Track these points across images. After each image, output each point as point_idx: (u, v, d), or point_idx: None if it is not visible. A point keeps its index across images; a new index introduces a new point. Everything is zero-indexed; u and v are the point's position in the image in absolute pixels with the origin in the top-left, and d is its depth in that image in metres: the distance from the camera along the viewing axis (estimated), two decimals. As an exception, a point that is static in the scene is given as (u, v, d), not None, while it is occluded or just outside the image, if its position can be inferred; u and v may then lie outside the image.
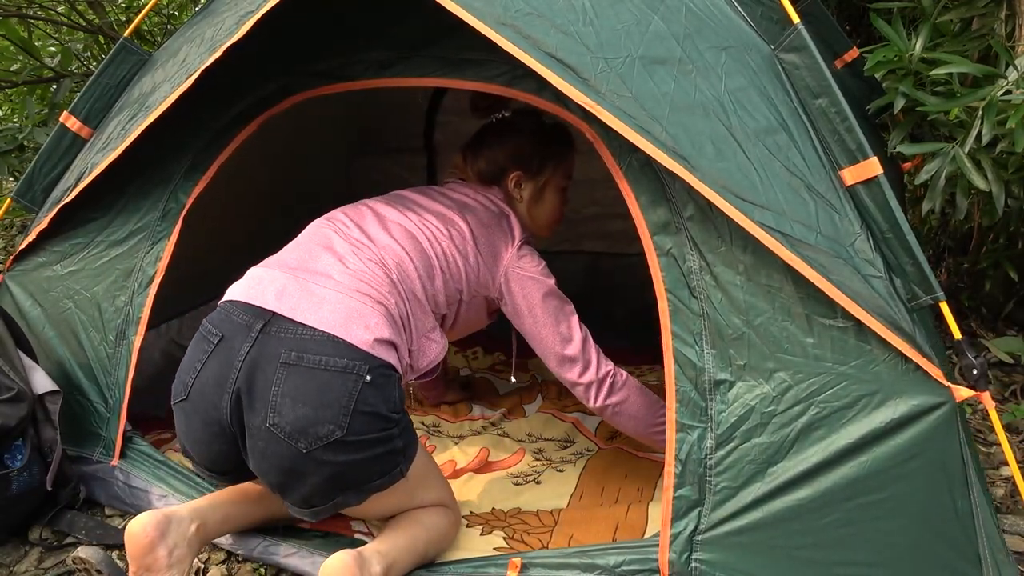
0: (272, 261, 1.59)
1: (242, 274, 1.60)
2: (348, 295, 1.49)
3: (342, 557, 1.36)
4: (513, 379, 1.96)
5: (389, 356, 1.48)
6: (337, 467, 1.39)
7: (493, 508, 1.81)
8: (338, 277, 1.52)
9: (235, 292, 1.55)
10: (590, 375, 1.70)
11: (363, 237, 1.61)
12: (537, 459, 2.05)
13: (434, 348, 1.64)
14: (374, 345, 1.45)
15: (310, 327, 1.43)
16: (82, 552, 1.51)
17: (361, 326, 1.45)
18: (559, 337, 1.71)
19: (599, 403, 1.71)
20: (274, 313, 1.46)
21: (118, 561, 1.66)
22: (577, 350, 1.70)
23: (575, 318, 1.74)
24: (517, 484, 1.93)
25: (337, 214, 1.69)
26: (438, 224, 1.69)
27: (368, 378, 1.41)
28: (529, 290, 1.73)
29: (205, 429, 1.46)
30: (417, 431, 2.15)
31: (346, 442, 1.38)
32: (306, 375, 1.39)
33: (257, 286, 1.52)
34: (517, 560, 1.47)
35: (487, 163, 1.89)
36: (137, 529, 1.41)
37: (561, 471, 1.97)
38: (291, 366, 1.39)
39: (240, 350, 1.42)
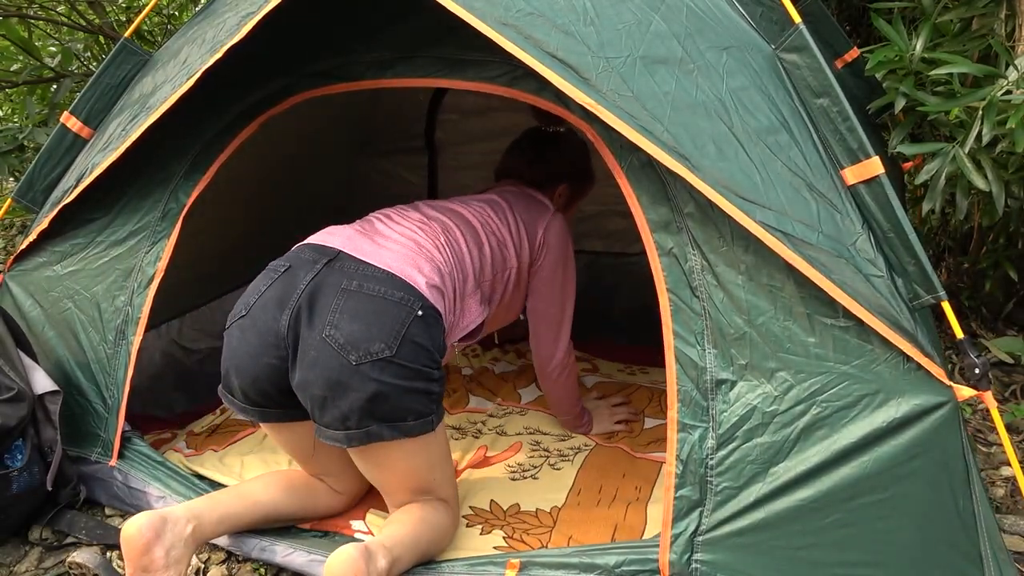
0: (334, 228, 1.70)
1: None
2: (405, 246, 1.63)
3: (348, 551, 1.35)
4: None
5: (439, 302, 1.58)
6: (380, 386, 1.44)
7: (492, 502, 1.82)
8: (396, 235, 1.66)
9: (305, 240, 1.66)
10: (565, 346, 1.95)
11: (412, 212, 1.76)
12: (534, 450, 2.06)
13: (474, 311, 1.73)
14: (427, 288, 1.56)
15: (372, 264, 1.55)
16: (79, 556, 1.51)
17: (416, 270, 1.58)
18: (566, 309, 1.95)
19: (560, 373, 1.96)
20: (339, 252, 1.58)
21: (117, 562, 1.66)
22: (568, 326, 1.95)
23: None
24: (514, 479, 1.93)
25: (380, 211, 1.81)
26: (479, 203, 1.87)
27: (420, 313, 1.50)
28: (566, 243, 1.95)
29: (260, 340, 1.51)
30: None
31: (393, 362, 1.45)
32: (364, 299, 1.49)
33: (326, 234, 1.65)
34: (516, 561, 1.47)
35: (543, 171, 2.07)
36: (132, 531, 1.41)
37: (559, 468, 1.98)
38: (351, 292, 1.50)
39: (305, 277, 1.53)
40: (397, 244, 1.63)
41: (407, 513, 1.57)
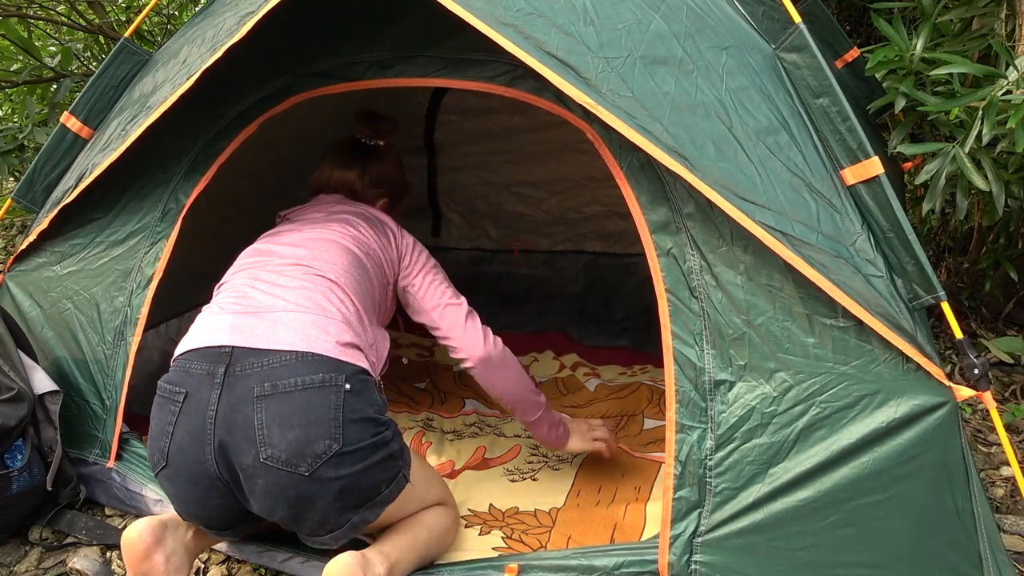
0: (211, 308, 1.54)
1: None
2: (299, 310, 1.47)
3: (345, 559, 1.35)
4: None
5: (359, 360, 1.46)
6: (343, 481, 1.36)
7: (491, 505, 1.81)
8: (283, 297, 1.50)
9: (186, 344, 1.49)
10: (478, 322, 1.72)
11: (285, 265, 1.58)
12: (533, 454, 2.06)
13: (382, 340, 1.65)
14: (341, 351, 1.43)
15: (273, 351, 1.40)
16: (78, 563, 1.51)
17: (322, 335, 1.44)
18: (449, 289, 1.77)
19: (492, 345, 1.68)
20: (233, 349, 1.41)
21: (117, 563, 1.66)
22: (464, 301, 1.75)
23: None
24: (514, 481, 1.93)
25: (244, 260, 1.65)
26: (339, 226, 1.72)
27: (348, 386, 1.39)
28: (420, 247, 1.84)
29: (195, 488, 1.40)
30: (411, 428, 2.18)
31: (345, 453, 1.35)
32: (286, 400, 1.35)
33: (206, 331, 1.47)
34: (514, 565, 1.47)
35: (367, 184, 1.95)
36: (133, 536, 1.40)
37: (557, 469, 1.97)
38: (267, 397, 1.35)
39: (209, 400, 1.37)
40: (289, 313, 1.46)
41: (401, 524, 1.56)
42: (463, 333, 1.68)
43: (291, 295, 1.50)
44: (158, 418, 1.43)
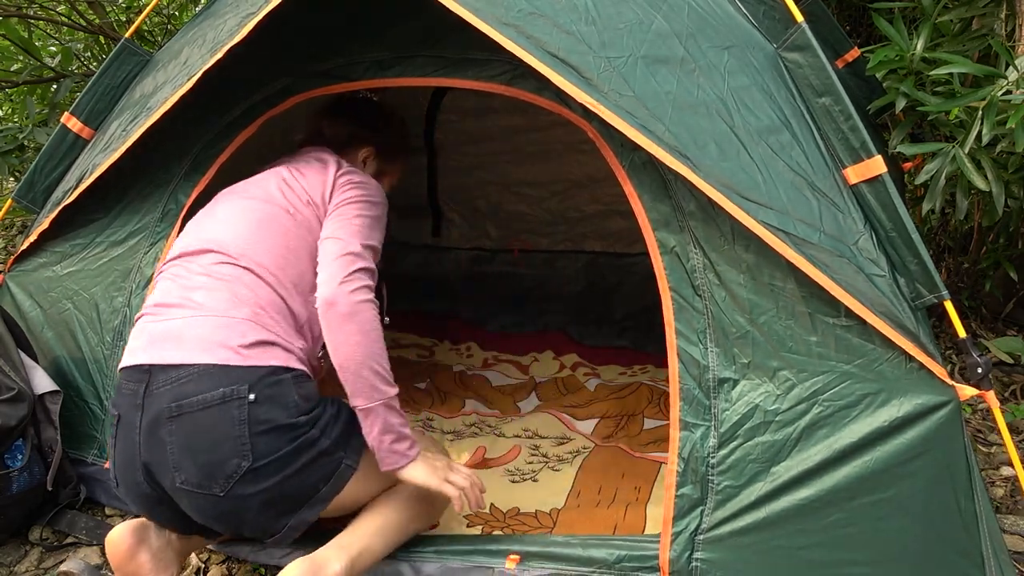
0: (140, 319, 1.49)
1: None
2: (204, 314, 1.40)
3: (293, 569, 1.31)
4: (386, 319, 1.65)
5: (270, 357, 1.37)
6: (264, 495, 1.32)
7: (491, 505, 1.81)
8: (192, 300, 1.43)
9: (123, 360, 1.46)
10: (354, 268, 1.43)
11: (199, 249, 1.50)
12: (533, 455, 2.06)
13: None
14: (247, 354, 1.35)
15: (182, 366, 1.35)
16: (66, 565, 1.51)
17: (225, 341, 1.36)
18: (355, 234, 1.49)
19: (347, 293, 1.40)
20: (151, 368, 1.37)
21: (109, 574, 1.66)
22: (359, 250, 1.47)
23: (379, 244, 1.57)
24: (514, 481, 1.93)
25: (170, 264, 1.54)
26: (268, 183, 1.60)
27: (252, 396, 1.32)
28: (357, 186, 1.61)
29: (144, 504, 1.40)
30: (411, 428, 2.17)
31: (258, 468, 1.30)
32: (190, 422, 1.32)
33: (130, 350, 1.44)
34: (516, 555, 1.46)
35: (341, 131, 1.82)
36: (115, 538, 1.39)
37: (558, 470, 1.97)
38: (176, 418, 1.32)
39: (134, 422, 1.36)
40: (195, 319, 1.40)
41: (378, 497, 1.50)
42: (326, 266, 1.44)
43: (199, 296, 1.43)
44: (110, 439, 1.44)
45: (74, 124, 1.95)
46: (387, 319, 1.59)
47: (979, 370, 1.30)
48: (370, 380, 1.38)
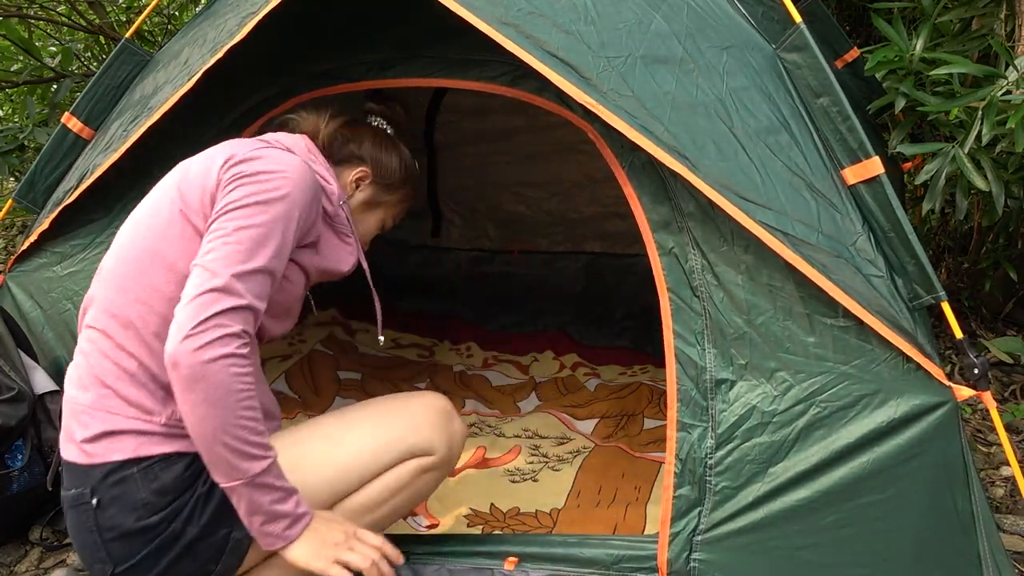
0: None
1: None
2: (66, 401, 1.28)
3: None
4: (380, 339, 1.54)
5: (118, 451, 1.20)
6: None
7: (492, 505, 1.82)
8: (69, 380, 1.30)
9: None
10: (215, 310, 1.12)
11: (86, 301, 1.34)
12: (533, 455, 2.06)
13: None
14: (91, 451, 1.21)
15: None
16: (55, 574, 1.51)
17: (71, 434, 1.24)
18: (232, 256, 1.17)
19: (192, 351, 1.10)
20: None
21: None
22: (230, 281, 1.15)
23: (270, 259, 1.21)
24: (514, 481, 1.93)
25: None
26: (161, 193, 1.35)
27: (94, 501, 1.20)
28: (242, 188, 1.24)
29: None
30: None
31: (125, 571, 1.21)
32: (67, 519, 1.26)
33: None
34: (514, 557, 1.47)
35: (340, 140, 1.56)
36: None
37: (558, 470, 1.98)
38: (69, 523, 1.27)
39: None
40: (66, 406, 1.29)
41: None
42: (178, 312, 1.14)
43: (73, 375, 1.29)
44: None
45: (74, 124, 1.95)
46: (381, 338, 1.47)
47: (976, 371, 1.30)
48: (224, 457, 1.13)
